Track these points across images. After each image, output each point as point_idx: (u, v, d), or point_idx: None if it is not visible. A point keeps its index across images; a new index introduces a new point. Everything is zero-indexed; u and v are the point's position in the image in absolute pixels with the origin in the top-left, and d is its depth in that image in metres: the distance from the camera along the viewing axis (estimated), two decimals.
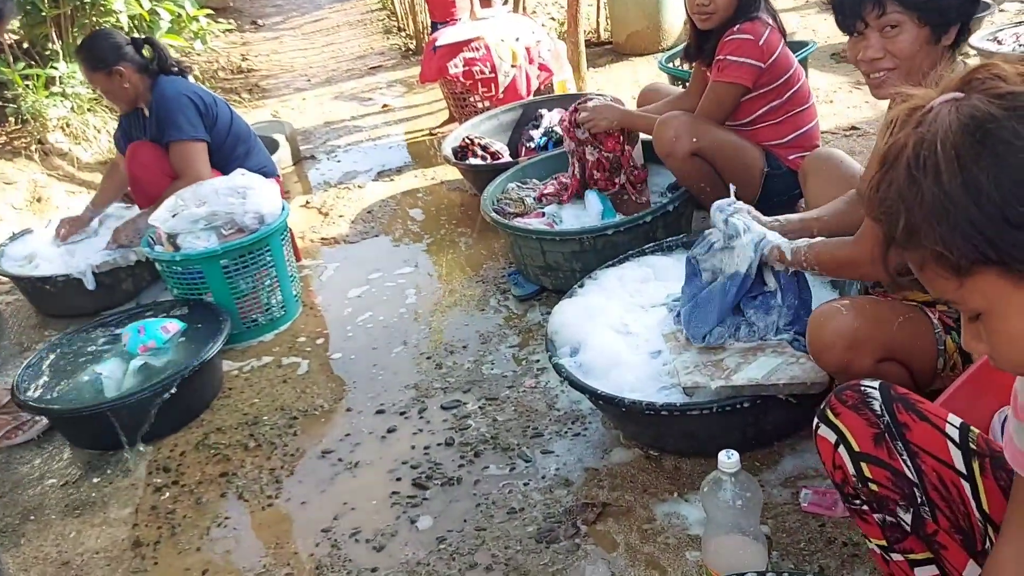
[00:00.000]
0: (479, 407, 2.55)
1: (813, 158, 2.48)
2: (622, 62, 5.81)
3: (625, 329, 2.31)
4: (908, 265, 0.89)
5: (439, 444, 2.42)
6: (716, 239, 2.09)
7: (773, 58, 2.73)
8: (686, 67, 4.13)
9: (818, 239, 1.94)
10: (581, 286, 2.54)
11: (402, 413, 2.60)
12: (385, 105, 5.83)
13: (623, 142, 3.05)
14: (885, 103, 4.12)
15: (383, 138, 5.26)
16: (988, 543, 1.23)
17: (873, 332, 1.76)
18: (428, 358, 2.88)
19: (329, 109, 6.05)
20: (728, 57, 2.72)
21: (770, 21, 2.75)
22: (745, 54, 2.70)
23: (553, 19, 6.76)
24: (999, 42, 4.09)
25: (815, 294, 2.15)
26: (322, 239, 3.97)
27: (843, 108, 4.21)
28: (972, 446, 1.25)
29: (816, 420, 1.38)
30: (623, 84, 5.28)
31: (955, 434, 1.26)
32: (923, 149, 0.81)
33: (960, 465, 1.23)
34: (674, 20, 5.80)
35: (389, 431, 2.53)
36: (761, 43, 2.69)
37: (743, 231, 2.02)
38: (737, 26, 2.71)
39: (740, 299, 2.05)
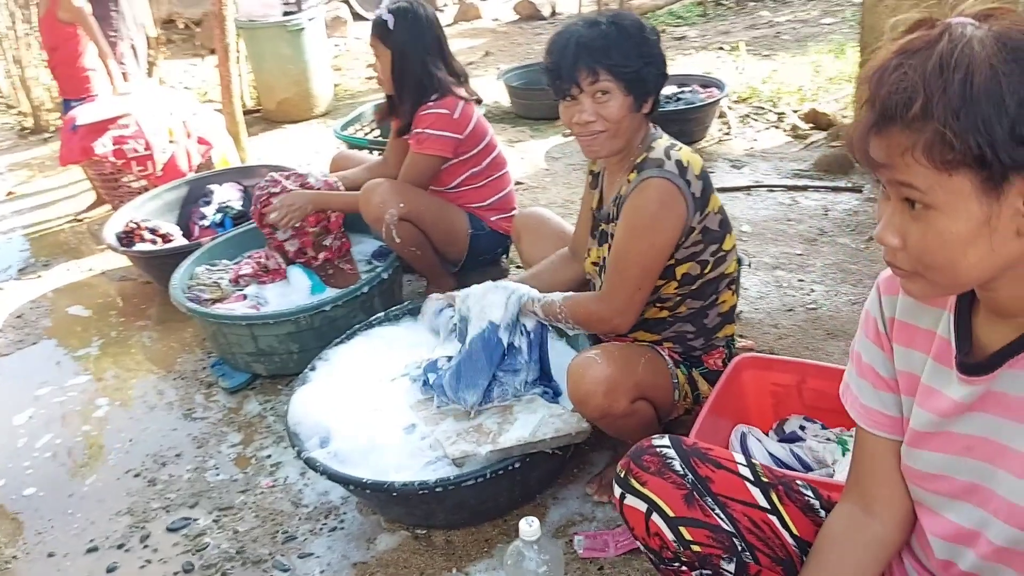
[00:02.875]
0: (214, 521, 2.29)
1: (523, 218, 2.60)
2: (276, 129, 5.71)
3: (372, 408, 2.22)
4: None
5: (176, 573, 2.13)
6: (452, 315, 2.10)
7: (469, 128, 2.83)
8: (362, 134, 4.16)
9: (568, 294, 2.06)
10: (313, 369, 2.39)
11: (120, 546, 2.25)
12: (10, 192, 5.09)
13: (327, 212, 2.96)
14: (539, 158, 4.55)
15: (15, 230, 4.58)
16: None
17: (625, 375, 1.88)
18: (137, 475, 2.53)
19: None
20: (427, 131, 2.77)
21: (463, 93, 2.84)
22: (442, 127, 2.77)
23: (188, 88, 6.41)
24: None
25: (551, 345, 2.24)
26: None
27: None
28: (764, 479, 1.33)
29: (619, 490, 1.36)
30: (281, 151, 5.17)
31: (748, 473, 1.33)
32: (960, 46, 0.89)
33: (763, 502, 1.30)
34: (323, 87, 5.84)
35: (109, 571, 2.17)
36: (456, 116, 2.79)
37: (487, 294, 2.06)
38: (432, 100, 2.77)
39: (504, 349, 2.06)
